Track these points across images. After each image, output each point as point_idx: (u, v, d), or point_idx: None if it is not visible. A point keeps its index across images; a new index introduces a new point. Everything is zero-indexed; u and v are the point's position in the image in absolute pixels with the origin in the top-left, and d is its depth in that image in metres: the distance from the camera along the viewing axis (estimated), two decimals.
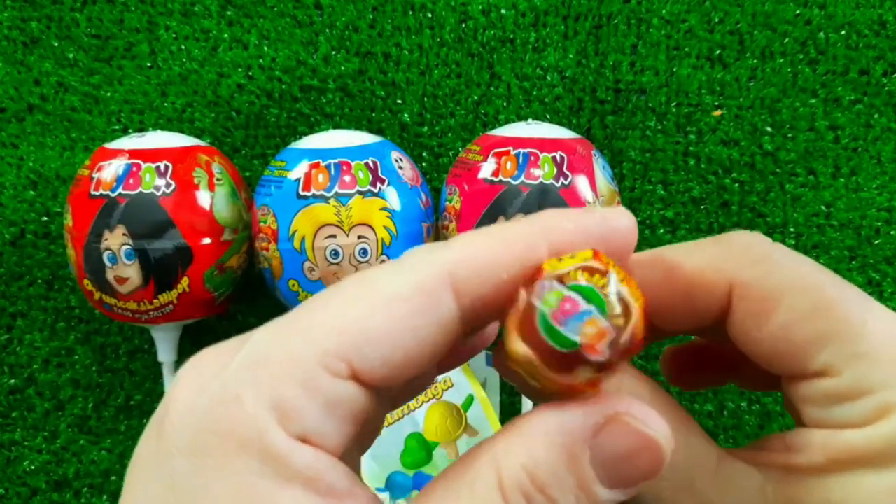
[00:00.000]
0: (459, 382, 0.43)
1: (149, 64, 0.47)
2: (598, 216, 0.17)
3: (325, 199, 0.37)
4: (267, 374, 0.14)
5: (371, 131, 0.42)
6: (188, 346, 0.43)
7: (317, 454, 0.14)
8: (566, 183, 0.37)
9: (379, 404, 0.18)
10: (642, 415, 0.15)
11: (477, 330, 0.18)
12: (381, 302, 0.15)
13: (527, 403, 0.42)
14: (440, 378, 0.43)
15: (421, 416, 0.43)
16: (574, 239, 0.16)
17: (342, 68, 0.46)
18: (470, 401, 0.43)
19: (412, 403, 0.43)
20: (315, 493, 0.14)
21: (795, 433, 0.17)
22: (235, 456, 0.14)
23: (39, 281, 0.46)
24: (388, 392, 0.17)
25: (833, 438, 0.16)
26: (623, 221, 0.16)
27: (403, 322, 0.15)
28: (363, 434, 0.20)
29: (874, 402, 0.16)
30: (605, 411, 0.15)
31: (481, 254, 0.16)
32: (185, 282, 0.38)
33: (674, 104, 0.45)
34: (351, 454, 0.18)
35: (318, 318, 0.15)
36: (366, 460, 0.42)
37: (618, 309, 0.14)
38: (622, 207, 0.17)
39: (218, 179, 0.39)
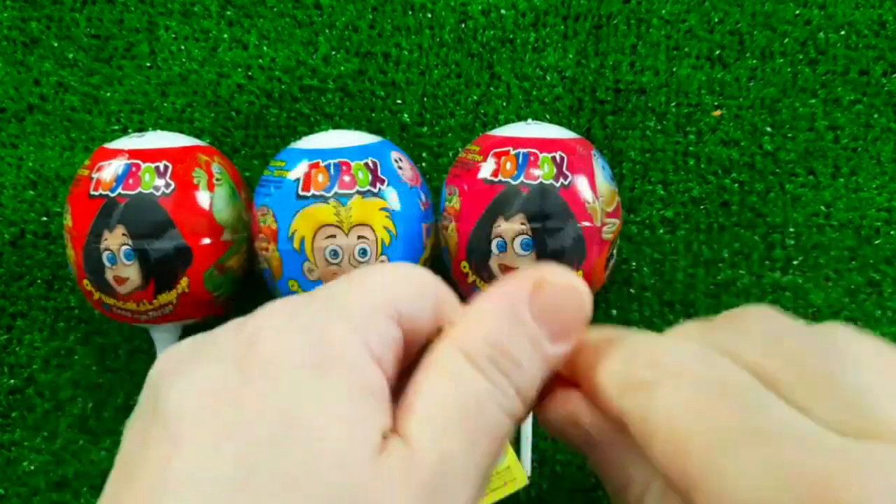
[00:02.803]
0: None
1: (149, 64, 0.47)
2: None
3: (325, 200, 0.37)
4: (351, 313, 0.18)
5: (371, 131, 0.42)
6: None
7: (382, 376, 0.18)
8: (566, 183, 0.37)
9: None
10: (560, 272, 0.19)
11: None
12: (405, 279, 0.19)
13: None
14: None
15: None
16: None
17: (342, 68, 0.46)
18: None
19: None
20: (375, 401, 0.17)
21: None
22: (338, 368, 0.17)
23: (39, 281, 0.46)
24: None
25: None
26: None
27: (417, 292, 0.19)
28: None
29: None
30: (533, 278, 0.18)
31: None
32: (184, 282, 0.38)
33: (674, 104, 0.45)
34: None
35: (372, 280, 0.19)
36: None
37: None
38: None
39: (217, 179, 0.39)
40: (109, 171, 0.38)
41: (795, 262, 0.44)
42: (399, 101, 0.46)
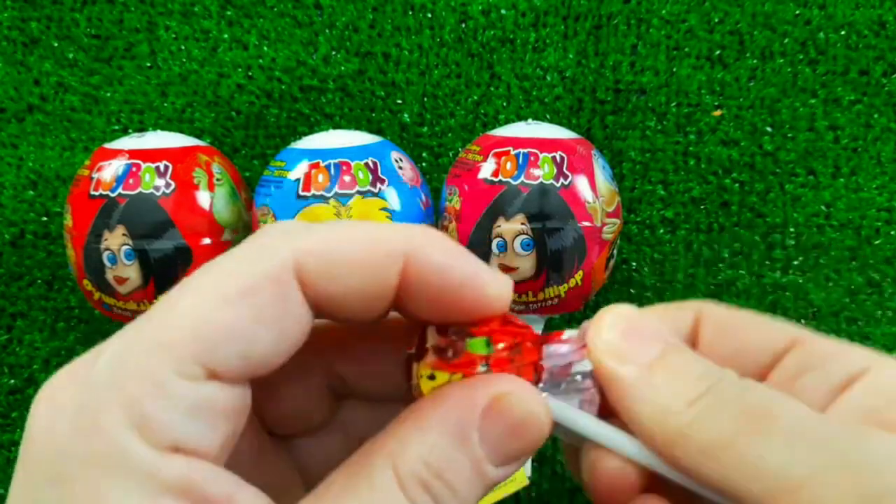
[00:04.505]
0: None
1: (149, 64, 0.47)
2: (471, 270, 0.16)
3: (325, 200, 0.37)
4: (122, 389, 0.14)
5: (371, 131, 0.42)
6: None
7: (189, 462, 0.14)
8: (566, 183, 0.37)
9: (259, 395, 0.17)
10: (522, 390, 0.16)
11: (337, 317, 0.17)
12: (230, 296, 0.14)
13: None
14: None
15: None
16: (435, 270, 0.16)
17: (342, 68, 0.46)
18: None
19: None
20: (190, 503, 0.14)
21: None
22: (102, 479, 0.13)
23: (39, 281, 0.46)
24: (262, 381, 0.16)
25: None
26: (490, 290, 0.16)
27: (254, 315, 0.14)
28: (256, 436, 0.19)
29: None
30: (491, 392, 0.16)
31: (330, 248, 0.15)
32: None
33: (674, 104, 0.45)
34: (244, 452, 0.18)
35: (169, 320, 0.14)
36: None
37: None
38: (501, 276, 0.17)
39: (218, 180, 0.39)
40: (109, 171, 0.38)
41: (795, 262, 0.44)
42: (399, 101, 0.46)
